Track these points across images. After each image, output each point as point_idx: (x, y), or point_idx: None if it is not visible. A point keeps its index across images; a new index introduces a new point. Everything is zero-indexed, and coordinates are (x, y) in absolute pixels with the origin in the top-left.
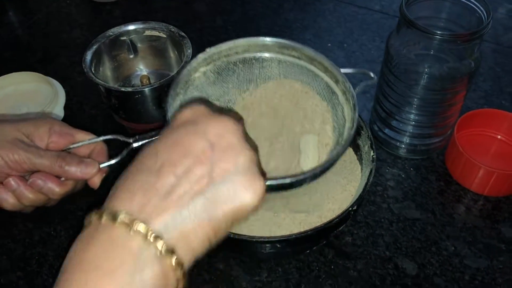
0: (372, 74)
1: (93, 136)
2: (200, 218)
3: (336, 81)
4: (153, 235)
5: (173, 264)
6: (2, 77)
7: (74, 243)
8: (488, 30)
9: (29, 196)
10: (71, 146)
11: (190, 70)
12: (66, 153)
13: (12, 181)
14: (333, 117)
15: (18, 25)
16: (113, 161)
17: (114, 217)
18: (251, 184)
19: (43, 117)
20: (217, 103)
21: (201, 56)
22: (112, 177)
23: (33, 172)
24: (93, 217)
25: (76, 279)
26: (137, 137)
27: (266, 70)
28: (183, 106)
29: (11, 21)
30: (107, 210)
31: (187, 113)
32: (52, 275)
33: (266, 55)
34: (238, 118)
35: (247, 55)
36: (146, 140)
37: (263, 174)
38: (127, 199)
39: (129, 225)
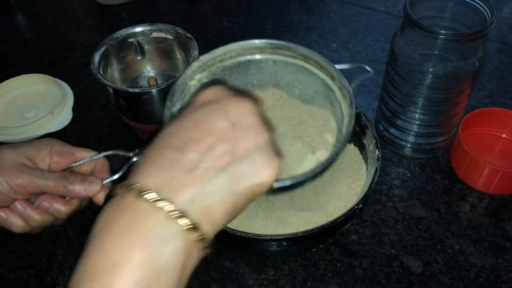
0: (368, 68)
1: (94, 152)
2: (222, 193)
3: (332, 78)
4: (177, 212)
5: (197, 238)
6: (11, 79)
7: (103, 211)
8: (492, 29)
9: (36, 218)
10: (73, 165)
11: (185, 79)
12: (69, 172)
13: (18, 205)
14: (336, 124)
15: (26, 28)
16: (115, 177)
17: (140, 192)
18: (269, 162)
19: (43, 139)
20: None
21: (195, 64)
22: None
23: (38, 194)
24: (121, 189)
25: (105, 246)
26: (137, 151)
27: (262, 71)
28: (203, 87)
29: (19, 24)
30: (134, 184)
31: (208, 94)
32: (62, 273)
33: (260, 56)
34: (256, 99)
35: (241, 58)
36: None
37: (278, 153)
38: (153, 174)
39: (155, 201)
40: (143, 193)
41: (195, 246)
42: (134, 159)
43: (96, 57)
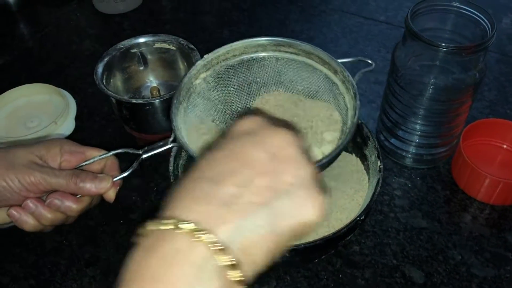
0: (369, 61)
1: (104, 151)
2: (262, 231)
3: (335, 72)
4: (217, 246)
5: (236, 279)
6: (14, 89)
7: (133, 253)
8: (492, 41)
9: (48, 216)
10: (83, 164)
11: (191, 78)
12: (79, 170)
13: (30, 203)
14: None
15: (29, 37)
16: (125, 174)
17: (176, 226)
18: (313, 199)
19: (53, 138)
20: (220, 107)
21: (200, 63)
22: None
23: (49, 192)
24: (152, 226)
25: None
26: (146, 148)
27: (265, 68)
28: (241, 116)
29: (22, 33)
30: (169, 219)
31: (245, 124)
32: (64, 284)
33: (263, 54)
34: (296, 131)
35: (244, 56)
36: (155, 151)
37: (323, 189)
38: (188, 208)
39: (193, 235)
40: (181, 228)
41: None
42: (144, 156)
43: (100, 68)
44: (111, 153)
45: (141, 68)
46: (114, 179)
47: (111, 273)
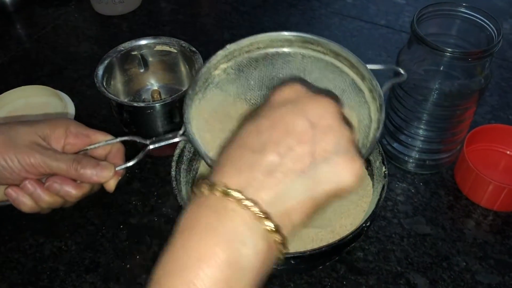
0: (402, 71)
1: (110, 137)
2: (302, 196)
3: (363, 78)
4: (261, 213)
5: (278, 240)
6: (12, 90)
7: (185, 210)
8: (498, 47)
9: (46, 199)
10: (88, 148)
11: (210, 68)
12: (82, 156)
13: (28, 184)
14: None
15: (26, 38)
16: (130, 164)
17: (226, 191)
18: (351, 165)
19: (59, 118)
20: (239, 100)
21: (220, 53)
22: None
23: (49, 175)
24: (204, 188)
25: (189, 243)
26: (154, 139)
27: (289, 65)
28: (281, 84)
29: (19, 34)
30: (218, 183)
31: (286, 92)
32: None
33: (289, 50)
34: (336, 99)
35: (269, 50)
36: (163, 143)
37: (360, 154)
38: (234, 175)
39: (241, 201)
40: (229, 192)
41: (274, 249)
42: (151, 147)
43: (100, 70)
44: (118, 139)
45: (142, 70)
46: (117, 168)
47: (111, 279)
